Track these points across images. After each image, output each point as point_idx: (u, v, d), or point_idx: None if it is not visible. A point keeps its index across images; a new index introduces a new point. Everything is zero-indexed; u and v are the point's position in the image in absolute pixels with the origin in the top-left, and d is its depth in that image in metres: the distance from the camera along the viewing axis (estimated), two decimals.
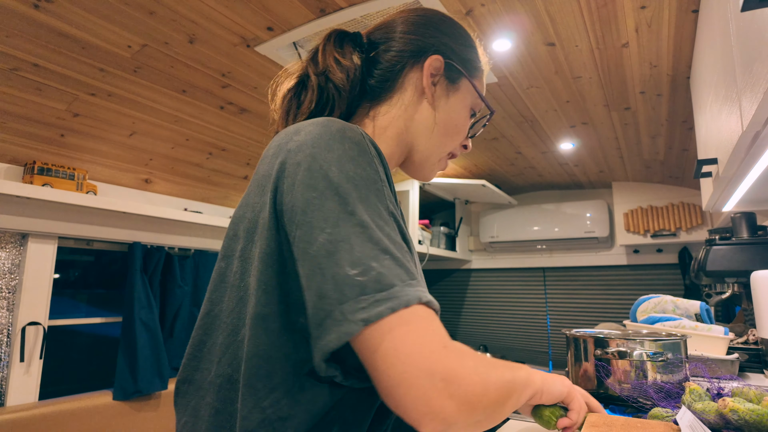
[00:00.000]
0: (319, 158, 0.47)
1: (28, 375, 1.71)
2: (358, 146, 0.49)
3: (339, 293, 0.41)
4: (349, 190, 0.46)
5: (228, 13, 1.34)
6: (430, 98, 0.67)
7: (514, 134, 2.39)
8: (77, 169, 1.81)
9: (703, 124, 1.37)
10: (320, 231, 0.44)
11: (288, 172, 0.49)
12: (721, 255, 1.51)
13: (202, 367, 0.52)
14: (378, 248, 0.43)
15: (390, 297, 0.40)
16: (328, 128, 0.50)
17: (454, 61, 0.68)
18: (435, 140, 0.68)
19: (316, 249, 0.43)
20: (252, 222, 0.51)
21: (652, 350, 0.84)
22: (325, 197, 0.45)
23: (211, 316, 0.53)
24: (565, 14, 1.37)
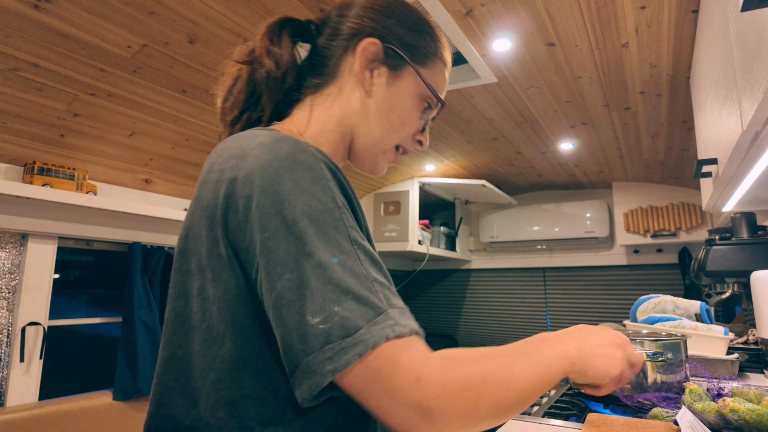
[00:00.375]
0: (269, 192, 0.44)
1: (27, 375, 1.71)
2: (310, 172, 0.46)
3: (304, 344, 0.40)
4: (305, 227, 0.43)
5: (228, 13, 1.34)
6: (367, 85, 0.61)
7: (514, 134, 2.39)
8: (77, 169, 1.81)
9: (703, 124, 1.37)
10: (278, 277, 0.42)
11: (237, 207, 0.45)
12: (721, 255, 1.51)
13: (174, 413, 0.48)
14: (339, 290, 0.41)
15: (356, 342, 0.40)
16: (276, 153, 0.46)
17: (395, 45, 0.62)
18: (375, 131, 0.63)
19: (276, 297, 0.42)
20: (205, 258, 0.47)
21: (652, 350, 0.84)
22: (279, 237, 0.43)
23: (176, 360, 0.49)
24: (565, 14, 1.37)
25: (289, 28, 0.65)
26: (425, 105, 0.65)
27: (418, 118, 0.65)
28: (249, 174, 0.45)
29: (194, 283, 0.48)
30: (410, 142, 0.67)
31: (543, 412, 0.91)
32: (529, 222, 3.37)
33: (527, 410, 0.93)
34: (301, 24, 0.66)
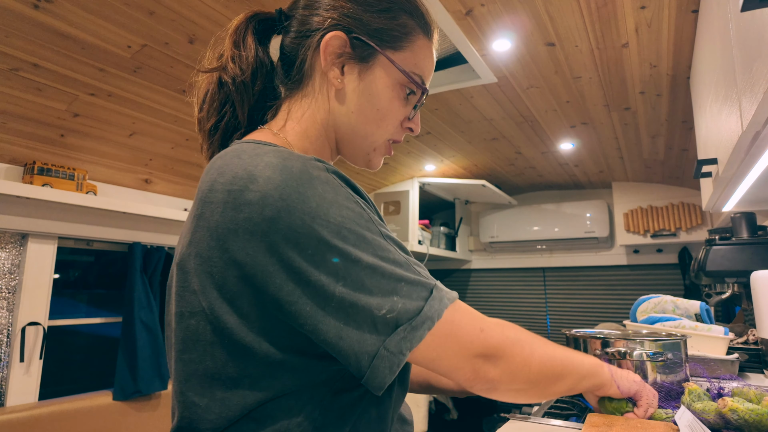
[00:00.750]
0: (296, 212, 0.44)
1: (27, 375, 1.71)
2: (329, 185, 0.46)
3: (377, 333, 0.45)
4: (344, 237, 0.45)
5: (228, 13, 1.34)
6: (338, 84, 0.57)
7: (514, 134, 2.39)
8: (77, 169, 1.81)
9: (703, 124, 1.37)
10: (333, 286, 0.44)
11: (261, 232, 0.44)
12: (721, 255, 1.51)
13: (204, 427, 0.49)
14: (392, 281, 0.46)
15: (424, 320, 0.46)
16: (289, 173, 0.45)
17: (361, 34, 0.56)
18: (357, 131, 0.59)
19: (336, 303, 0.44)
20: (218, 279, 0.46)
21: (652, 350, 0.84)
22: (322, 255, 0.44)
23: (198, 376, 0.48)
24: (564, 14, 1.37)
25: (255, 25, 0.61)
26: (407, 91, 0.60)
27: (401, 107, 0.60)
28: (265, 197, 0.44)
29: (204, 303, 0.47)
30: (400, 132, 0.63)
31: (543, 412, 0.91)
32: (529, 222, 3.37)
33: (527, 410, 0.93)
34: (267, 18, 0.61)
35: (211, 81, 0.60)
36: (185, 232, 0.51)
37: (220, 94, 0.59)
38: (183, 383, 0.50)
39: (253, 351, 0.46)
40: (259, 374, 0.47)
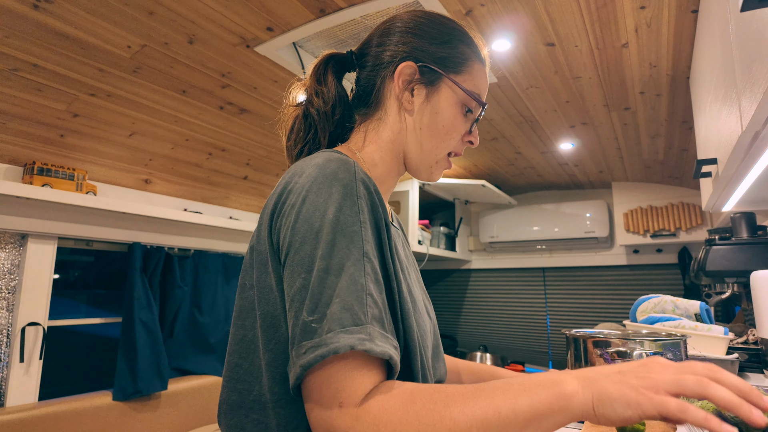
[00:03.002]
0: (308, 202, 0.51)
1: (27, 375, 1.71)
2: (345, 188, 0.52)
3: (296, 337, 0.46)
4: (326, 234, 0.49)
5: (228, 13, 1.34)
6: (409, 106, 0.67)
7: (514, 134, 2.39)
8: (77, 170, 1.81)
9: (702, 124, 1.37)
10: (297, 276, 0.49)
11: (284, 212, 0.53)
12: (720, 255, 1.51)
13: (241, 388, 0.55)
14: (333, 294, 0.46)
15: (321, 344, 0.44)
16: (323, 170, 0.53)
17: (428, 62, 0.67)
18: (424, 145, 0.68)
19: (293, 293, 0.48)
20: (261, 254, 0.56)
21: (652, 350, 0.84)
22: (305, 242, 0.49)
23: (246, 341, 0.56)
24: (564, 14, 1.37)
25: (332, 65, 0.71)
26: (467, 109, 0.69)
27: (462, 123, 0.69)
28: (300, 187, 0.53)
29: (254, 275, 0.56)
30: (461, 146, 0.71)
31: None
32: (528, 222, 3.37)
33: None
34: (343, 58, 0.71)
35: (297, 114, 0.71)
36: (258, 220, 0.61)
37: (305, 124, 0.69)
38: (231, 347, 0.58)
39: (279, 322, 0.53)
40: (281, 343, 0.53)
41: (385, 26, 0.70)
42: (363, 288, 0.47)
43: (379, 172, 0.68)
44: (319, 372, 0.44)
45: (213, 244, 2.41)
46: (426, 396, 0.43)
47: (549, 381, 0.43)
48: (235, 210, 2.59)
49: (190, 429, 2.10)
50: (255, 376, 0.54)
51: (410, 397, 0.43)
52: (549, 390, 0.42)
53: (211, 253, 2.41)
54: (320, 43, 1.60)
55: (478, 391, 0.43)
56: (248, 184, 2.49)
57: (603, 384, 0.41)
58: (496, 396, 0.42)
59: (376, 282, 0.49)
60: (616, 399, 0.40)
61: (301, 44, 1.61)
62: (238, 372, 0.56)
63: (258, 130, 2.09)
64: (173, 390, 2.06)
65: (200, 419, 2.14)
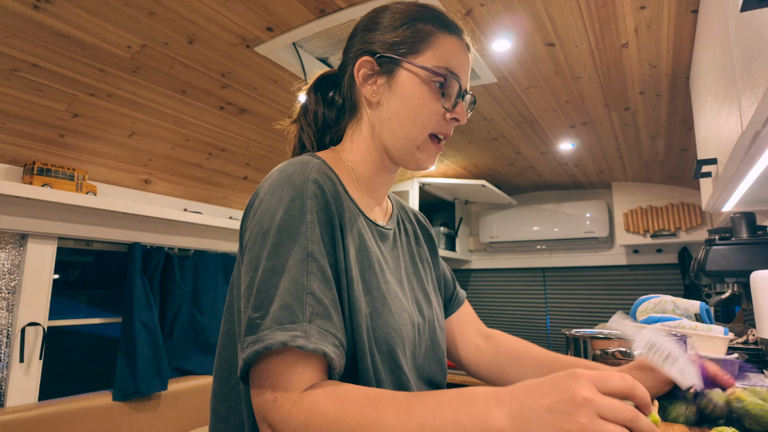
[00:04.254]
0: (263, 205, 0.55)
1: (27, 376, 1.71)
2: (295, 190, 0.55)
3: (243, 332, 0.49)
4: (272, 236, 0.52)
5: (227, 13, 1.34)
6: (373, 98, 0.67)
7: (514, 134, 2.39)
8: (77, 170, 1.81)
9: (702, 124, 1.37)
10: (246, 274, 0.53)
11: (249, 215, 0.58)
12: (720, 255, 1.51)
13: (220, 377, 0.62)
14: (274, 293, 0.49)
15: (258, 340, 0.47)
16: (281, 174, 0.57)
17: (382, 51, 0.66)
18: (396, 133, 0.66)
19: (243, 290, 0.53)
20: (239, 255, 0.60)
21: None
22: (255, 242, 0.53)
23: (230, 335, 0.61)
24: (564, 14, 1.37)
25: (322, 85, 0.74)
26: (438, 85, 0.65)
27: (434, 101, 0.65)
28: (263, 191, 0.57)
29: (235, 272, 0.61)
30: (443, 125, 0.68)
31: None
32: (528, 222, 3.37)
33: None
34: (333, 75, 0.74)
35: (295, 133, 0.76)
36: None
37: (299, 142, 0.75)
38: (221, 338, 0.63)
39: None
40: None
41: (351, 32, 0.72)
42: (304, 288, 0.50)
43: (365, 168, 0.70)
44: (259, 366, 0.48)
45: (213, 244, 2.40)
46: (357, 406, 0.43)
47: (480, 411, 0.39)
48: (235, 210, 2.59)
49: (190, 429, 2.10)
50: (234, 367, 0.59)
51: (342, 404, 0.43)
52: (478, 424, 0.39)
53: (211, 253, 2.41)
54: (320, 43, 1.60)
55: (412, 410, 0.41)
56: (248, 185, 2.49)
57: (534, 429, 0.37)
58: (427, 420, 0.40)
59: (323, 280, 0.52)
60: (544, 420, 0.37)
61: (301, 44, 1.61)
62: (221, 363, 0.61)
63: (258, 130, 2.09)
64: (173, 390, 2.05)
65: (200, 419, 2.14)
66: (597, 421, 0.36)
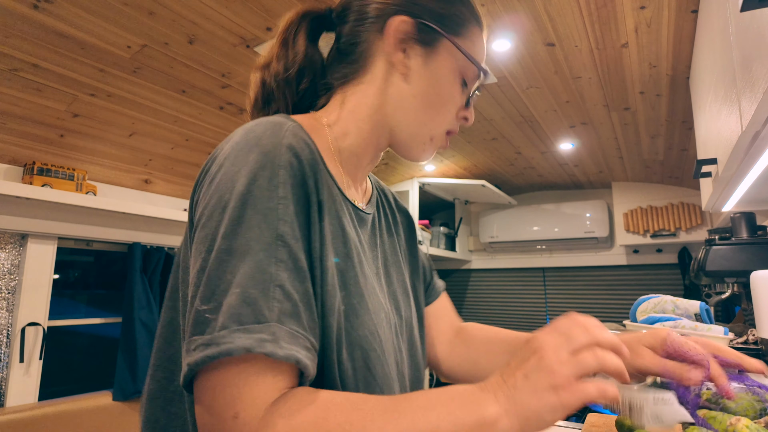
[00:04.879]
0: (223, 170, 0.44)
1: (27, 376, 1.71)
2: (265, 156, 0.43)
3: (189, 328, 0.39)
4: (233, 209, 0.41)
5: (227, 13, 1.34)
6: (402, 69, 0.56)
7: (514, 134, 2.39)
8: (77, 170, 1.81)
9: (702, 124, 1.37)
10: (198, 255, 0.41)
11: (203, 182, 0.46)
12: (720, 255, 1.51)
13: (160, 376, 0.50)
14: (232, 282, 0.38)
15: (212, 342, 0.36)
16: (247, 135, 0.46)
17: (428, 19, 0.55)
18: (418, 117, 0.57)
19: (193, 275, 0.41)
20: (186, 230, 0.49)
21: None
22: (211, 217, 0.42)
23: (173, 326, 0.50)
24: (564, 14, 1.37)
25: (307, 23, 0.60)
26: (462, 79, 0.59)
27: (459, 94, 0.59)
28: (223, 155, 0.45)
29: (182, 252, 0.50)
30: (455, 123, 0.61)
31: None
32: (528, 222, 3.37)
33: None
34: (320, 15, 0.61)
35: (256, 80, 0.61)
36: None
37: (263, 94, 0.60)
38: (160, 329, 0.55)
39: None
40: None
41: None
42: (271, 278, 0.39)
43: (350, 142, 0.57)
44: (212, 374, 0.37)
45: None
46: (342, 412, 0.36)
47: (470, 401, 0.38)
48: None
49: None
50: (178, 365, 0.47)
51: (323, 413, 0.36)
52: (471, 414, 0.37)
53: None
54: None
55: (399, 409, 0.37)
56: None
57: (522, 402, 0.37)
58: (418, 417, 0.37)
59: (295, 270, 0.41)
60: (541, 411, 0.37)
61: None
62: (160, 358, 0.50)
63: None
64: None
65: None
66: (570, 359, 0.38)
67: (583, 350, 0.38)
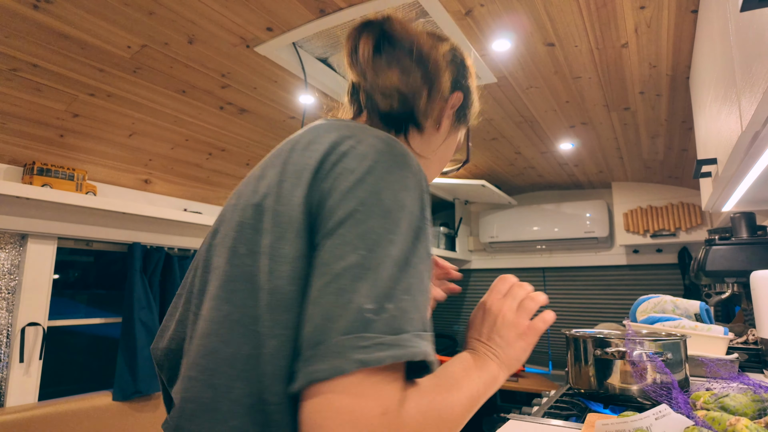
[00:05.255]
0: (375, 174, 0.44)
1: (27, 376, 1.71)
2: (415, 178, 0.47)
3: (343, 323, 0.38)
4: (399, 219, 0.43)
5: (227, 13, 1.34)
6: (445, 130, 0.68)
7: (514, 134, 2.39)
8: (77, 170, 1.81)
9: (702, 124, 1.37)
10: (353, 249, 0.41)
11: (337, 174, 0.45)
12: (720, 255, 1.51)
13: (216, 383, 0.43)
14: (403, 289, 0.40)
15: (397, 344, 0.38)
16: (391, 148, 0.48)
17: (465, 105, 0.70)
18: (432, 168, 0.70)
19: (342, 267, 0.40)
20: (283, 216, 0.46)
21: (652, 350, 0.84)
22: (371, 215, 0.42)
23: (231, 322, 0.44)
24: (564, 14, 1.37)
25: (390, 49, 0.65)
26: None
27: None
28: (361, 154, 0.46)
29: (266, 240, 0.45)
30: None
31: (543, 412, 0.91)
32: (528, 222, 3.37)
33: (527, 410, 0.93)
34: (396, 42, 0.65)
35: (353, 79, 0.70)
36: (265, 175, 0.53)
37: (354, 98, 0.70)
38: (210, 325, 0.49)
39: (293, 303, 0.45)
40: None
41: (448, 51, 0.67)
42: (427, 290, 0.43)
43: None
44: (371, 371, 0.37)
45: None
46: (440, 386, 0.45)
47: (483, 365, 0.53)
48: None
49: None
50: (239, 369, 0.42)
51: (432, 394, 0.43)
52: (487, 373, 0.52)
53: None
54: (320, 43, 1.60)
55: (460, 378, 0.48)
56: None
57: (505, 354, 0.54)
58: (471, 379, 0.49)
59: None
60: (518, 356, 0.55)
61: (300, 44, 1.61)
62: (214, 361, 0.43)
63: (258, 130, 2.09)
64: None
65: None
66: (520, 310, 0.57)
67: (523, 301, 0.57)
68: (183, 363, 0.49)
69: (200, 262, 0.53)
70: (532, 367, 3.37)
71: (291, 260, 0.44)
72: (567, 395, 1.04)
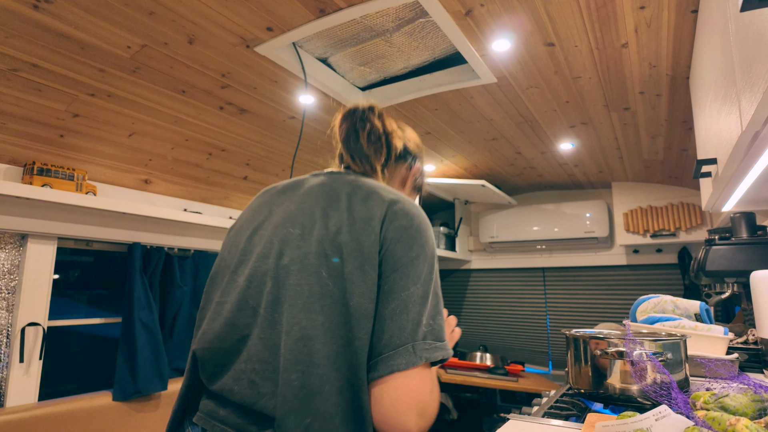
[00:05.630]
0: (422, 230, 0.68)
1: (27, 376, 1.71)
2: (432, 232, 0.71)
3: (415, 333, 0.61)
4: (433, 263, 0.67)
5: (227, 13, 1.34)
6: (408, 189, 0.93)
7: (514, 134, 2.39)
8: (77, 170, 1.81)
9: (702, 124, 1.37)
10: (413, 283, 0.63)
11: (397, 225, 0.67)
12: (720, 255, 1.51)
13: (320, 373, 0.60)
14: (437, 312, 0.65)
15: (444, 348, 0.63)
16: (422, 212, 0.71)
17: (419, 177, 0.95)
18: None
19: (408, 294, 0.62)
20: (362, 249, 0.64)
21: (652, 350, 0.84)
22: (421, 260, 0.65)
23: (324, 328, 0.61)
24: (564, 14, 1.37)
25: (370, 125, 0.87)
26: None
27: None
28: (409, 213, 0.69)
29: (347, 266, 0.64)
30: None
31: (543, 412, 0.91)
32: (528, 222, 3.37)
33: (527, 410, 0.93)
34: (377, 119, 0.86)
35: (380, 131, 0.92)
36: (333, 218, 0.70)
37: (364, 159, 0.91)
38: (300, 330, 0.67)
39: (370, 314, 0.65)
40: None
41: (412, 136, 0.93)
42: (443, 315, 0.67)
43: None
44: (426, 364, 0.61)
45: (213, 244, 2.40)
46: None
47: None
48: (234, 210, 2.59)
49: None
50: (333, 362, 0.60)
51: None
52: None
53: (211, 253, 2.41)
54: (320, 43, 1.60)
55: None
56: (248, 185, 2.49)
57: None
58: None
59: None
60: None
61: (300, 44, 1.61)
62: (317, 357, 0.60)
63: (258, 130, 2.09)
64: (173, 390, 2.05)
65: None
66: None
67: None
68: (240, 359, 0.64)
69: (268, 278, 0.67)
70: (532, 367, 3.37)
71: (370, 285, 0.62)
72: (567, 395, 1.04)
